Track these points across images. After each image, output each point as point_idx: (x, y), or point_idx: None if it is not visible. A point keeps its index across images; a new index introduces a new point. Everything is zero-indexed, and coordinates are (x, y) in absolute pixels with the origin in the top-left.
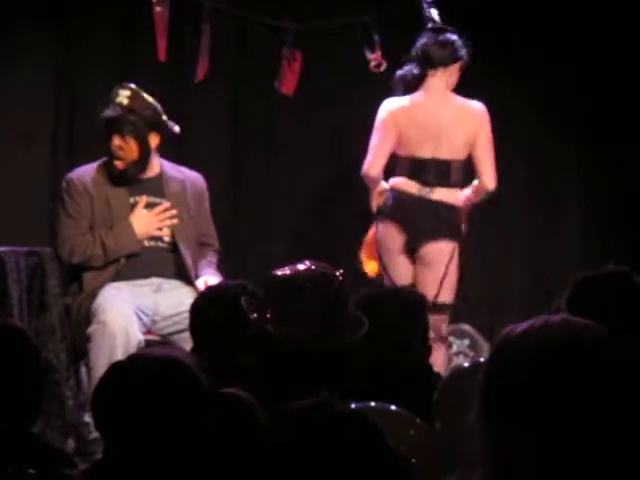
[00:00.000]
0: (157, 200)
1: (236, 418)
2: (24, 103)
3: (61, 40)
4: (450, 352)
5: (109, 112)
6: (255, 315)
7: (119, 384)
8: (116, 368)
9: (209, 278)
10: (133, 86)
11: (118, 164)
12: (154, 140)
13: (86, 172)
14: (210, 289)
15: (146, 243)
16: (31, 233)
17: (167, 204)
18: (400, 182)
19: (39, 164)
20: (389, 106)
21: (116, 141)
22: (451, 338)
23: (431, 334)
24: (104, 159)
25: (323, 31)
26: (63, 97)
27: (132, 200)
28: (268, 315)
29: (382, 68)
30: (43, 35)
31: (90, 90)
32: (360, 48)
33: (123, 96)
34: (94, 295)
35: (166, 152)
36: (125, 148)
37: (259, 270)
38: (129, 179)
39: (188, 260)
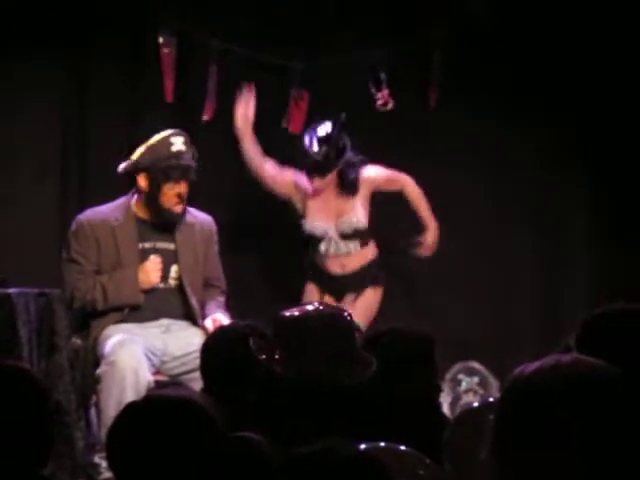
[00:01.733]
0: (166, 245)
1: (249, 462)
2: (35, 140)
3: (72, 78)
4: (460, 389)
5: (186, 160)
6: (264, 356)
7: (134, 424)
8: (131, 408)
9: (217, 317)
10: (182, 132)
11: (179, 209)
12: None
13: (97, 215)
14: (220, 329)
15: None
16: (41, 271)
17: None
18: None
19: (49, 202)
20: None
21: (183, 188)
22: (460, 375)
23: None
24: (117, 202)
25: (330, 70)
26: (73, 135)
27: (141, 246)
28: (277, 356)
29: (389, 107)
30: (54, 72)
31: (99, 128)
32: (367, 87)
33: (182, 143)
34: (103, 336)
35: None
36: (185, 195)
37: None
38: (173, 223)
39: (194, 302)
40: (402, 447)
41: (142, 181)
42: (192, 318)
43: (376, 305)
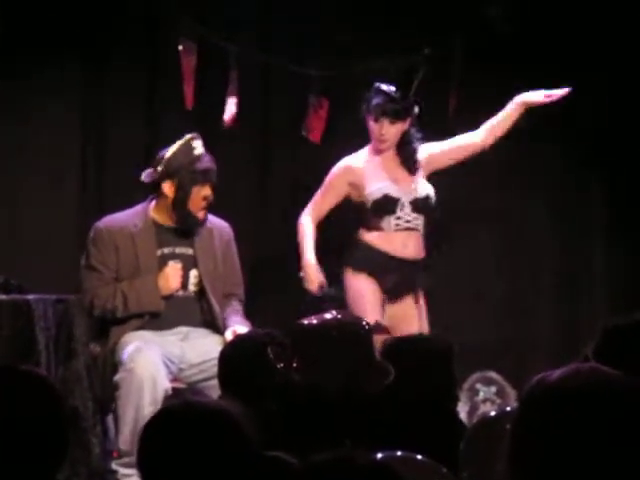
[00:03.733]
0: (185, 250)
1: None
2: (53, 144)
3: (90, 83)
4: (478, 399)
5: (210, 163)
6: (282, 364)
7: (168, 428)
8: (166, 412)
9: (238, 328)
10: (198, 135)
11: (202, 214)
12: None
13: (115, 221)
14: (238, 338)
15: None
16: (59, 277)
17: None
18: None
19: (67, 207)
20: None
21: (208, 191)
22: (478, 385)
23: None
24: (135, 208)
25: (349, 78)
26: (91, 140)
27: (160, 252)
28: (294, 364)
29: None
30: (73, 78)
31: (117, 132)
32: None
33: (201, 146)
34: (121, 343)
35: None
36: (211, 198)
37: (284, 317)
38: (193, 229)
39: (216, 308)
40: (419, 456)
41: (167, 188)
42: (211, 325)
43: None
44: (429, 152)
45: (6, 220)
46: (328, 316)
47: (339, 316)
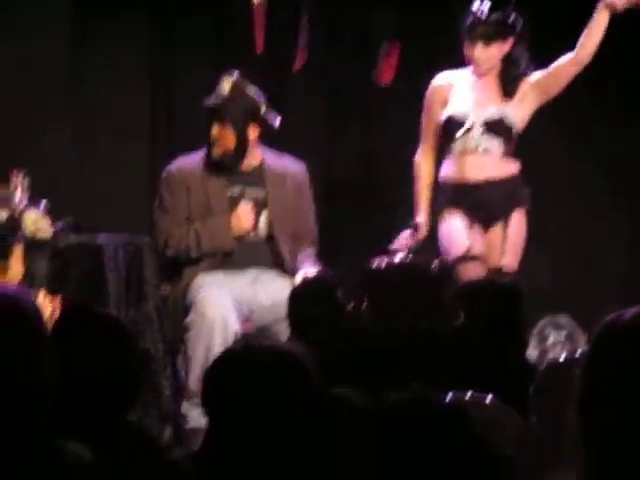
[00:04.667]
0: (256, 192)
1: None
2: (122, 95)
3: (157, 33)
4: (547, 344)
5: (210, 101)
6: (351, 306)
7: (231, 369)
8: (229, 354)
9: (308, 271)
10: (236, 76)
11: (215, 151)
12: (253, 131)
13: (186, 163)
14: (309, 280)
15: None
16: (130, 222)
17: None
18: None
19: (138, 152)
20: None
21: (215, 129)
22: (547, 329)
23: None
24: (205, 150)
25: (421, 21)
26: (160, 89)
27: (230, 192)
28: (364, 306)
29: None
30: (140, 28)
31: (186, 81)
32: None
33: (226, 85)
34: (193, 285)
35: (266, 141)
36: (223, 137)
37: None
38: (225, 168)
39: (285, 252)
40: (489, 398)
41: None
42: (281, 268)
43: (524, 235)
44: (536, 77)
45: (78, 166)
46: (398, 258)
47: (409, 257)
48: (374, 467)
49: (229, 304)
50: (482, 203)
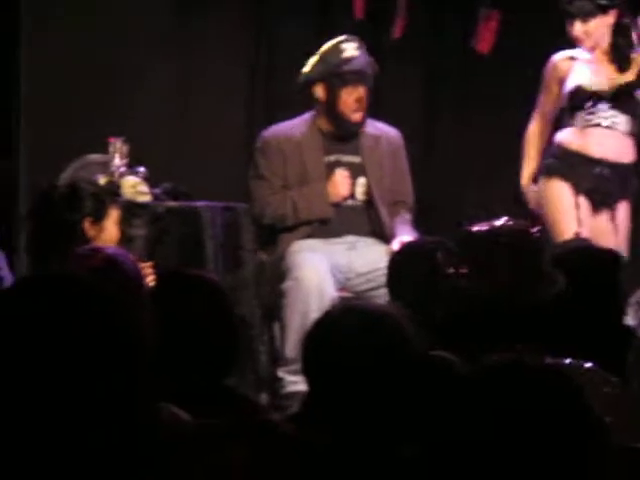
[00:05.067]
0: (352, 158)
1: (442, 382)
2: (221, 56)
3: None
4: None
5: (362, 65)
6: (451, 270)
7: (330, 332)
8: (329, 316)
9: (405, 237)
10: (359, 41)
11: (357, 117)
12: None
13: (282, 130)
14: (408, 244)
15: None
16: (227, 187)
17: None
18: None
19: (236, 118)
20: None
21: (360, 93)
22: None
23: None
24: (301, 117)
25: None
26: (261, 51)
27: (327, 159)
28: (463, 271)
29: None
30: None
31: (287, 45)
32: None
33: (353, 48)
34: (289, 251)
35: None
36: (365, 100)
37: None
38: (354, 133)
39: (385, 217)
40: (587, 364)
41: (319, 91)
42: (379, 234)
43: (629, 227)
44: None
45: (176, 130)
46: (498, 223)
47: (509, 222)
48: (473, 430)
49: (326, 271)
50: (601, 183)
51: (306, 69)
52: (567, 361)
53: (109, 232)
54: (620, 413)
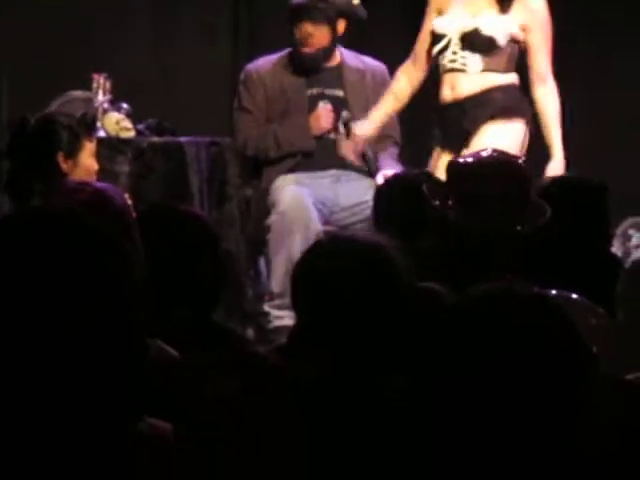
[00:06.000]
0: (335, 92)
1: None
2: None
3: None
4: (630, 245)
5: (297, 1)
6: (437, 201)
7: (320, 262)
8: (317, 247)
9: (389, 172)
10: None
11: (307, 50)
12: (341, 26)
13: (265, 64)
14: (394, 176)
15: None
16: (212, 122)
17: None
18: None
19: (220, 53)
20: None
21: (307, 28)
22: (630, 231)
23: None
24: (285, 50)
25: None
26: None
27: (309, 92)
28: (450, 202)
29: None
30: None
31: None
32: None
33: None
34: (274, 186)
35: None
36: (316, 35)
37: None
38: (315, 67)
39: (368, 152)
40: (574, 295)
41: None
42: (363, 169)
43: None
44: (532, 33)
45: (159, 67)
46: (484, 154)
47: (494, 154)
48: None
49: (310, 204)
50: (450, 125)
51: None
52: (553, 292)
53: (84, 166)
54: (607, 345)
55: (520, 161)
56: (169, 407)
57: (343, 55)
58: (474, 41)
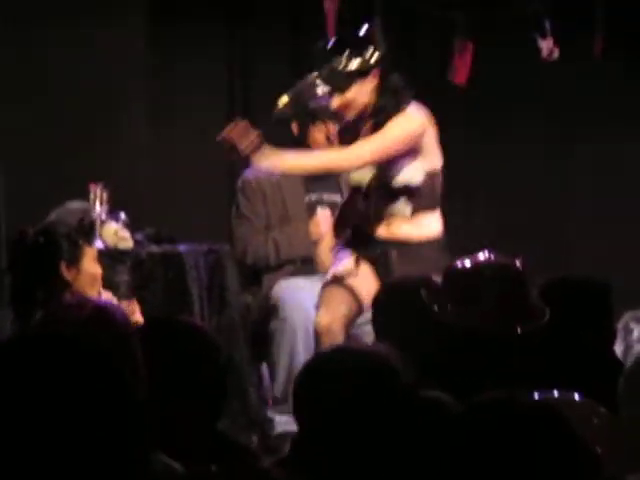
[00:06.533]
0: (332, 197)
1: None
2: (199, 97)
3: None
4: (632, 339)
5: (323, 100)
6: (436, 307)
7: (321, 374)
8: (319, 358)
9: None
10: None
11: None
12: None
13: (262, 170)
14: (391, 283)
15: None
16: (210, 231)
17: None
18: None
19: (217, 159)
20: None
21: (332, 129)
22: (632, 324)
23: None
24: None
25: (493, 21)
26: (236, 91)
27: (307, 198)
28: (449, 306)
29: (554, 56)
30: (217, 31)
31: (262, 85)
32: (532, 36)
33: (321, 88)
34: (274, 291)
35: None
36: (335, 137)
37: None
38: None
39: None
40: (576, 396)
41: (294, 127)
42: None
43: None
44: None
45: (157, 173)
46: (481, 257)
47: (491, 256)
48: (466, 468)
49: (311, 310)
50: None
51: (279, 104)
52: (555, 393)
53: (88, 272)
54: (610, 445)
55: (517, 263)
56: None
57: None
58: None
